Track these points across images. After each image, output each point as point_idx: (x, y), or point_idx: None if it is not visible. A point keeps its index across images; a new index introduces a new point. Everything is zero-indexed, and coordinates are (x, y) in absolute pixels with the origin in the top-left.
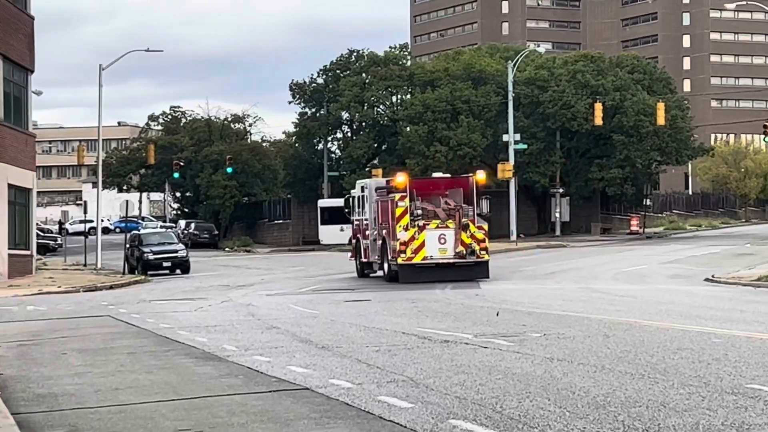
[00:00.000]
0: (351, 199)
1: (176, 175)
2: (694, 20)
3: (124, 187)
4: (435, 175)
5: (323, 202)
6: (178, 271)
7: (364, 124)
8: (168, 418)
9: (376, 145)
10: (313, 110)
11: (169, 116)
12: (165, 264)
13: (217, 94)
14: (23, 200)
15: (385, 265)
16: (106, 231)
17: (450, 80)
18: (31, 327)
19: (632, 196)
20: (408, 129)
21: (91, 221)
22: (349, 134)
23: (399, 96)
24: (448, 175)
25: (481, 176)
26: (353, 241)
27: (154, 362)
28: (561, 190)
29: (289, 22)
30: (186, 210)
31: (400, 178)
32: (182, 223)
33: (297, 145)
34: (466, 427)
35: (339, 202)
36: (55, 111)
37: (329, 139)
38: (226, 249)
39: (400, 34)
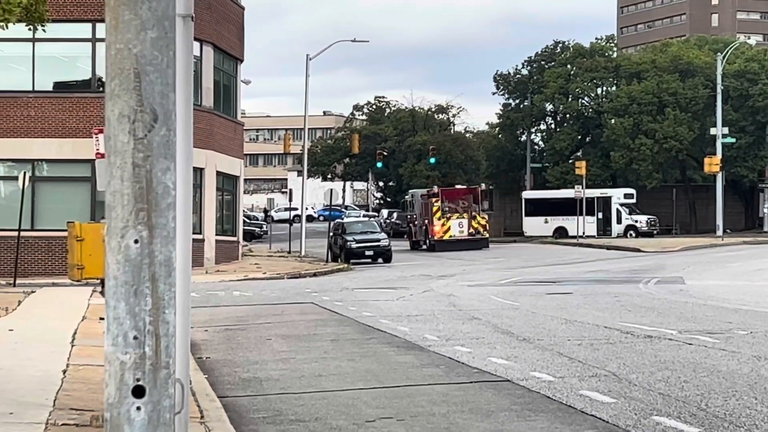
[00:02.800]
0: (405, 202)
1: (379, 164)
2: None
3: (329, 176)
4: (456, 186)
5: (528, 194)
6: (380, 260)
7: (568, 115)
8: (370, 405)
9: (579, 137)
10: (517, 101)
11: (374, 106)
12: (367, 253)
13: (420, 84)
14: (231, 187)
15: (427, 241)
16: (310, 219)
17: (657, 72)
18: (237, 312)
19: None
20: (613, 121)
21: (296, 209)
22: (552, 126)
23: (604, 88)
24: (464, 187)
25: (483, 187)
26: (407, 227)
27: (357, 350)
28: None
29: (492, 12)
30: (388, 199)
31: (435, 189)
32: (384, 212)
33: (500, 136)
34: (670, 424)
35: (544, 194)
36: (262, 100)
37: (532, 130)
38: None
39: (606, 26)
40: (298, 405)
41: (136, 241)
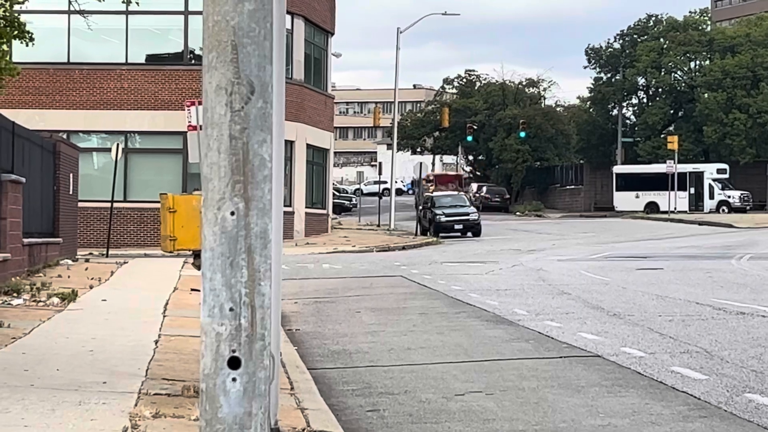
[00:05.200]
0: (413, 183)
1: (469, 138)
2: None
3: (418, 149)
4: (446, 173)
5: (618, 169)
6: (469, 233)
7: (660, 90)
8: (459, 379)
9: (672, 111)
10: (609, 75)
11: (464, 80)
12: (456, 226)
13: (511, 57)
14: (320, 160)
15: None
16: (399, 192)
17: (751, 46)
18: (327, 285)
19: None
20: (706, 96)
21: (385, 182)
22: (644, 100)
23: (697, 62)
24: (453, 173)
25: (465, 174)
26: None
27: (446, 323)
28: None
29: None
30: (478, 173)
31: (431, 177)
32: (474, 186)
33: (591, 110)
34: (763, 401)
35: (635, 168)
36: (352, 73)
37: (624, 104)
38: (517, 213)
39: None
40: (387, 378)
41: (232, 213)
